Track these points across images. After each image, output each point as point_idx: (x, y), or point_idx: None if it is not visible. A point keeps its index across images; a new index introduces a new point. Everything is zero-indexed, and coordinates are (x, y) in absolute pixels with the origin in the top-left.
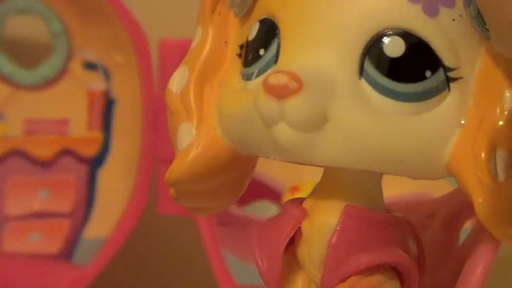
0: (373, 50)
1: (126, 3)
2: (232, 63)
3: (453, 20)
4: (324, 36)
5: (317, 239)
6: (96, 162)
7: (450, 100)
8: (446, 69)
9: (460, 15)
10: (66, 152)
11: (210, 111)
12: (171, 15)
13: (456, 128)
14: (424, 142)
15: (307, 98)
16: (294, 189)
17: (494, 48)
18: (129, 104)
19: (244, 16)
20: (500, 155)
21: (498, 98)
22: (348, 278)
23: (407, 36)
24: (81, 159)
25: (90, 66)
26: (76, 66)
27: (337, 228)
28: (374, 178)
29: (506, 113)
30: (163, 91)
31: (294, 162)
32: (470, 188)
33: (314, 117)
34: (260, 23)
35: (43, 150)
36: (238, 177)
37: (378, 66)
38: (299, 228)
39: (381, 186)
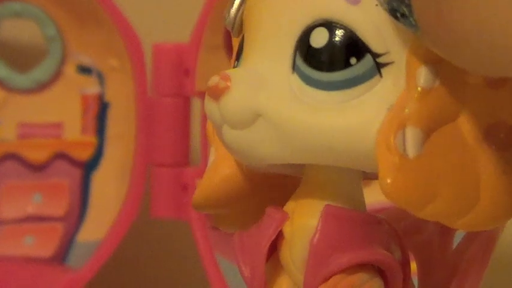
0: (301, 43)
1: (120, 7)
2: None
3: (376, 5)
4: (262, 40)
5: (299, 240)
6: (90, 166)
7: (381, 85)
8: (375, 55)
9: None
10: (60, 156)
11: None
12: (165, 19)
13: (383, 113)
14: (353, 129)
15: (236, 95)
16: None
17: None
18: (123, 108)
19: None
20: (410, 131)
21: (415, 75)
22: (330, 277)
23: (330, 25)
24: (75, 162)
25: (84, 70)
26: (70, 70)
27: (318, 228)
28: (353, 177)
29: (418, 89)
30: (157, 95)
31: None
32: (379, 169)
33: (245, 113)
34: (241, 38)
35: (37, 154)
36: (280, 196)
37: (305, 59)
38: (281, 232)
39: (361, 186)
